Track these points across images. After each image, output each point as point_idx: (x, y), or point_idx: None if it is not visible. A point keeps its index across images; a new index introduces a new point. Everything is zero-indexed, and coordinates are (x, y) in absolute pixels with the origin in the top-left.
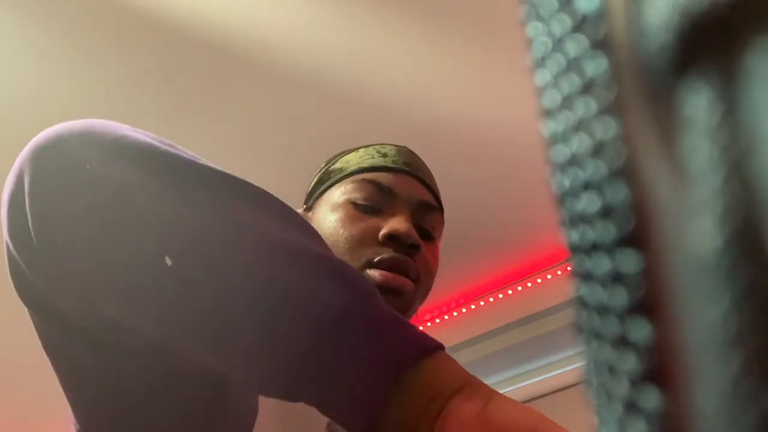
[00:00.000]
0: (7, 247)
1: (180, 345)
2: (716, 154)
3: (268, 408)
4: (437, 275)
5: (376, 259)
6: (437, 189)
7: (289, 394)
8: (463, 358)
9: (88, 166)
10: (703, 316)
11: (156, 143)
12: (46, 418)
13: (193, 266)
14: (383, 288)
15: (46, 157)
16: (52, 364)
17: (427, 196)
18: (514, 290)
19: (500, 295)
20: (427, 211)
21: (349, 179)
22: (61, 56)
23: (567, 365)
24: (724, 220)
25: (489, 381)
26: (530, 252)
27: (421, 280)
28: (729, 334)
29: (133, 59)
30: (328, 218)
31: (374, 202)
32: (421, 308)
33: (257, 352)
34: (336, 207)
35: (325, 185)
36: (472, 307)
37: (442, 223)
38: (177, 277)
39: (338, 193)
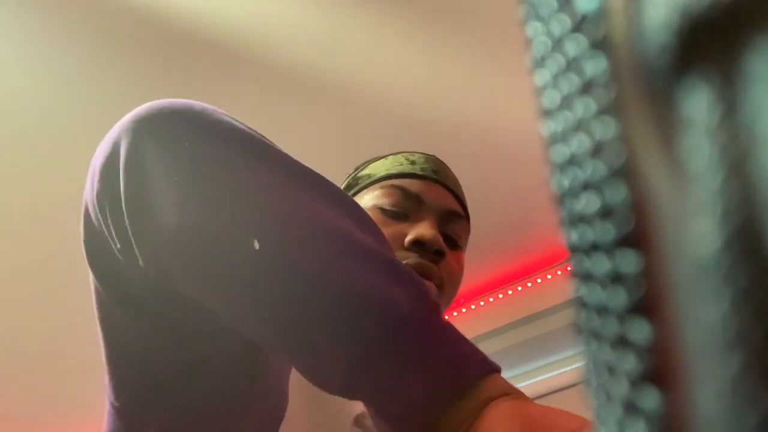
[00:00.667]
0: (88, 211)
1: (250, 326)
2: (716, 155)
3: (296, 400)
4: None
5: None
6: (464, 198)
7: (347, 389)
8: None
9: (186, 143)
10: (703, 316)
11: (253, 132)
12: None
13: (279, 254)
14: None
15: (145, 130)
16: (101, 332)
17: (454, 205)
18: (514, 290)
19: (500, 295)
20: (454, 219)
21: (377, 185)
22: (62, 56)
23: (567, 365)
24: (724, 221)
25: None
26: (530, 252)
27: (445, 286)
28: (729, 335)
29: (133, 59)
30: None
31: (401, 207)
32: None
33: (327, 344)
34: None
35: (352, 191)
36: (472, 307)
37: (468, 231)
38: (263, 261)
39: (366, 199)
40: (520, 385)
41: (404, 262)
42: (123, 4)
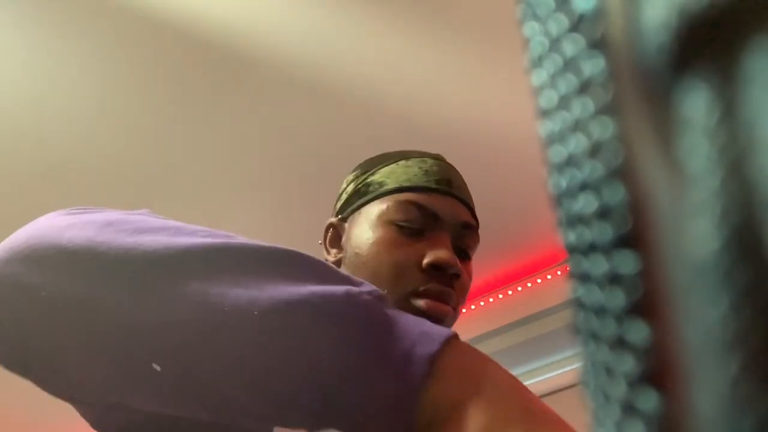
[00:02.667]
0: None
1: (192, 415)
2: (714, 155)
3: None
4: None
5: (421, 289)
6: (473, 205)
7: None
8: None
9: (43, 293)
10: (702, 317)
11: (97, 239)
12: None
13: (181, 366)
14: (427, 316)
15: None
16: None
17: (467, 216)
18: (514, 290)
19: (500, 296)
20: (467, 232)
21: (390, 197)
22: (63, 58)
23: (566, 366)
24: (723, 222)
25: None
26: (530, 252)
27: (458, 305)
28: (727, 336)
29: (134, 61)
30: (368, 237)
31: (418, 224)
32: None
33: (273, 416)
34: (376, 226)
35: (363, 198)
36: (472, 307)
37: (478, 239)
38: (171, 379)
39: (379, 211)
40: None
41: (424, 287)
42: (128, 7)
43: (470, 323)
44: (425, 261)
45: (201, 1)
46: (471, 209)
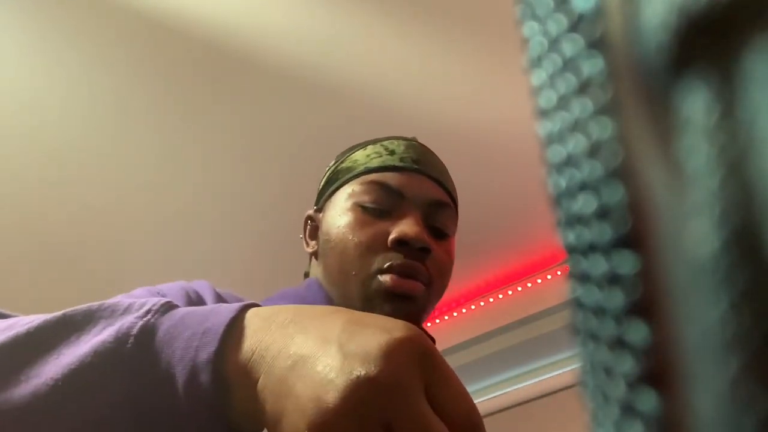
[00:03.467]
0: None
1: None
2: (714, 155)
3: None
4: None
5: (386, 265)
6: (450, 182)
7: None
8: (462, 359)
9: None
10: (701, 318)
11: None
12: None
13: None
14: (395, 293)
15: None
16: None
17: (439, 194)
18: (514, 291)
19: (500, 296)
20: (439, 209)
21: (356, 180)
22: (63, 58)
23: (566, 366)
24: (722, 222)
25: (488, 382)
26: (529, 253)
27: (434, 281)
28: (727, 337)
29: (134, 61)
30: (337, 222)
31: (383, 204)
32: None
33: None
34: (344, 210)
35: (333, 186)
36: (472, 307)
37: (456, 217)
38: None
39: (346, 195)
40: (520, 386)
41: (389, 262)
42: (128, 7)
43: (470, 324)
44: (390, 237)
45: (200, 1)
46: (444, 187)
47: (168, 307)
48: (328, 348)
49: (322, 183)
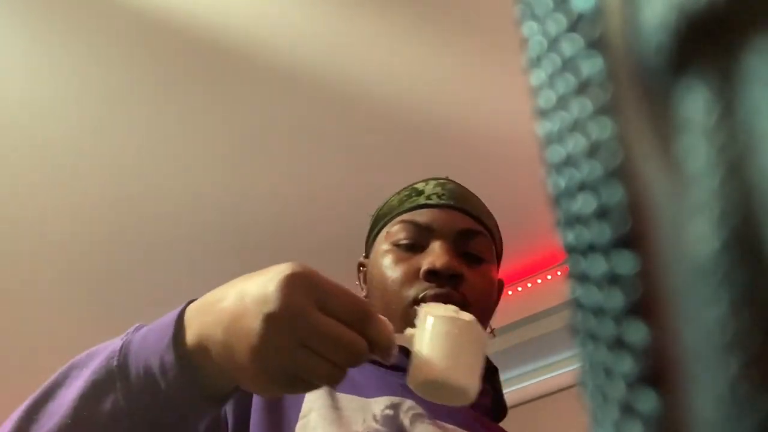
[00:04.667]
0: None
1: None
2: (713, 155)
3: None
4: None
5: (420, 296)
6: (482, 212)
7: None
8: None
9: None
10: (701, 318)
11: None
12: None
13: None
14: None
15: None
16: None
17: (467, 223)
18: (514, 291)
19: None
20: (470, 237)
21: (391, 223)
22: (59, 57)
23: (566, 366)
24: (722, 222)
25: None
26: (529, 253)
27: (472, 304)
28: (727, 337)
29: (135, 60)
30: (378, 263)
31: (414, 240)
32: None
33: None
34: (383, 252)
35: (374, 232)
36: None
37: (492, 244)
38: None
39: (383, 238)
40: (520, 386)
41: (422, 293)
42: (129, 8)
43: None
44: (422, 269)
45: (200, 1)
46: (475, 217)
47: (139, 326)
48: (242, 305)
49: (368, 232)
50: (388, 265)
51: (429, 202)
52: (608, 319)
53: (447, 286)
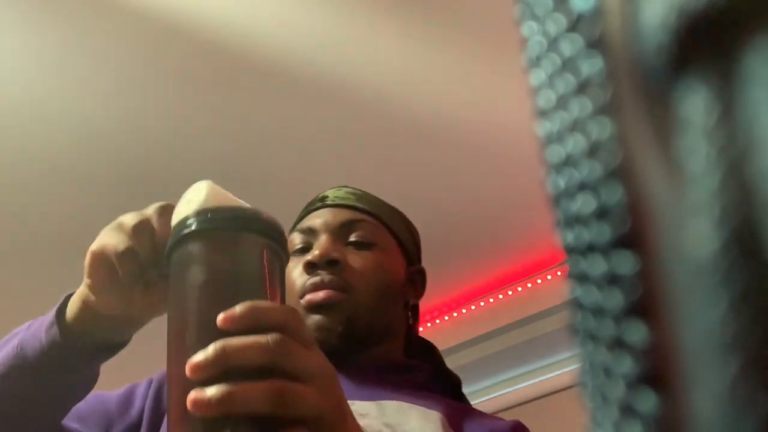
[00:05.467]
0: None
1: None
2: (713, 155)
3: None
4: (436, 277)
5: (302, 290)
6: (366, 201)
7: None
8: (461, 360)
9: None
10: (701, 318)
11: None
12: None
13: None
14: (311, 308)
15: None
16: None
17: (347, 215)
18: (514, 291)
19: (500, 296)
20: (352, 226)
21: (291, 236)
22: (61, 57)
23: (566, 367)
24: (722, 222)
25: (487, 383)
26: (529, 253)
27: (356, 286)
28: (726, 337)
29: (135, 61)
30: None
31: (304, 243)
32: (420, 310)
33: None
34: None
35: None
36: (472, 307)
37: (385, 229)
38: None
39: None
40: (519, 386)
41: (303, 287)
42: (133, 7)
43: (470, 324)
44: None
45: (203, 1)
46: (355, 207)
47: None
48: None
49: None
50: (290, 271)
51: (310, 208)
52: (608, 319)
53: (323, 273)
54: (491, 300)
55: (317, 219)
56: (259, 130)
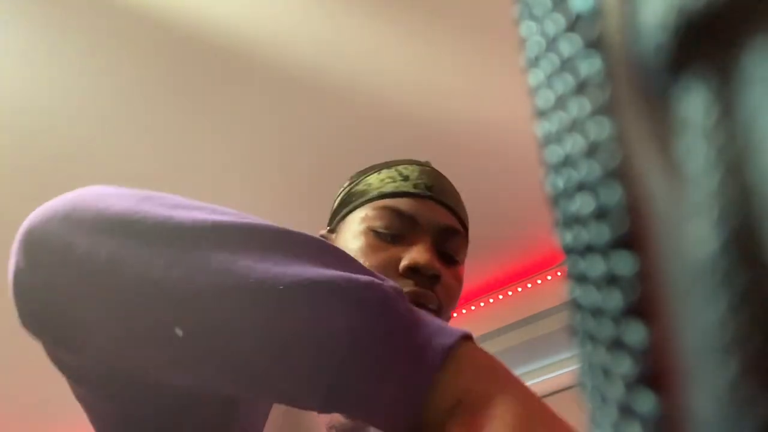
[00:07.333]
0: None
1: (208, 388)
2: (713, 156)
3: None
4: None
5: None
6: (462, 209)
7: (328, 408)
8: None
9: (78, 251)
10: (700, 319)
11: (136, 208)
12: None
13: (203, 333)
14: None
15: (36, 245)
16: (84, 409)
17: (450, 221)
18: (514, 291)
19: (500, 296)
20: (451, 236)
21: (370, 205)
22: (64, 58)
23: (565, 367)
24: (721, 223)
25: None
26: (528, 254)
27: (443, 307)
28: (726, 338)
29: (136, 60)
30: (350, 245)
31: (395, 230)
32: None
33: (287, 391)
34: (357, 234)
35: (347, 208)
36: (472, 308)
37: (467, 245)
38: (192, 345)
39: (359, 219)
40: None
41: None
42: (134, 8)
43: (469, 325)
44: (402, 264)
45: (204, 2)
46: (456, 214)
47: (399, 294)
48: None
49: (335, 203)
50: (364, 252)
51: (416, 191)
52: (607, 319)
53: (424, 285)
54: (491, 300)
55: (419, 210)
56: (260, 130)
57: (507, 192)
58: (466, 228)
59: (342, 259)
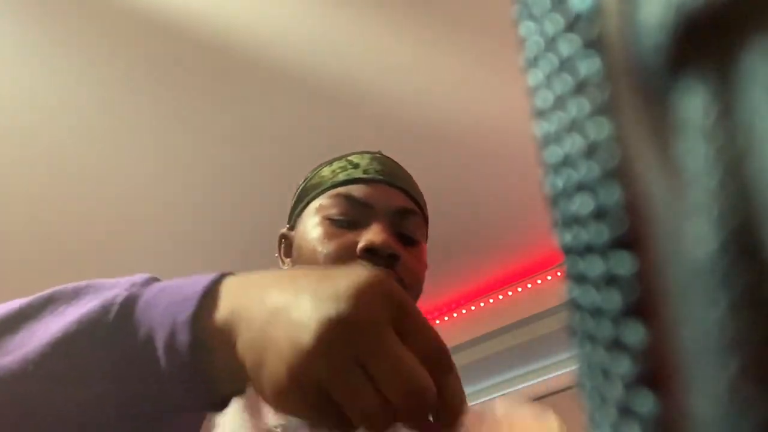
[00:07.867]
0: None
1: None
2: (712, 156)
3: None
4: (436, 277)
5: None
6: (416, 191)
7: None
8: (460, 361)
9: None
10: (699, 319)
11: None
12: None
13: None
14: None
15: None
16: None
17: (404, 202)
18: (513, 292)
19: (500, 297)
20: (406, 217)
21: (324, 195)
22: (58, 58)
23: (565, 367)
24: (721, 223)
25: (486, 383)
26: (528, 254)
27: (407, 288)
28: (726, 338)
29: (131, 61)
30: (307, 237)
31: (350, 216)
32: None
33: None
34: (314, 225)
35: (302, 203)
36: (472, 308)
37: (425, 225)
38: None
39: (314, 210)
40: (518, 387)
41: None
42: (126, 7)
43: (469, 325)
44: (359, 246)
45: (199, 2)
46: (410, 195)
47: (151, 280)
48: (301, 296)
49: (293, 201)
50: (321, 240)
51: (366, 176)
52: (606, 320)
53: (383, 265)
54: (491, 300)
55: (371, 194)
56: (260, 131)
57: (506, 192)
58: (422, 208)
59: (80, 293)
